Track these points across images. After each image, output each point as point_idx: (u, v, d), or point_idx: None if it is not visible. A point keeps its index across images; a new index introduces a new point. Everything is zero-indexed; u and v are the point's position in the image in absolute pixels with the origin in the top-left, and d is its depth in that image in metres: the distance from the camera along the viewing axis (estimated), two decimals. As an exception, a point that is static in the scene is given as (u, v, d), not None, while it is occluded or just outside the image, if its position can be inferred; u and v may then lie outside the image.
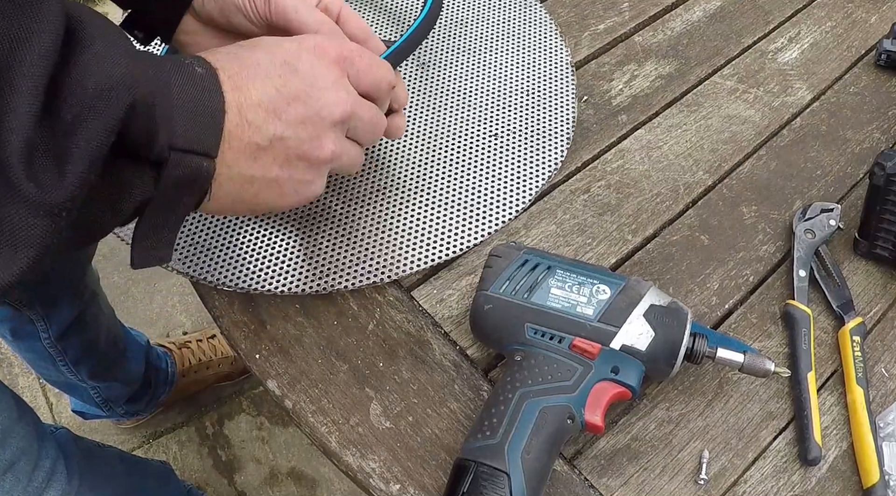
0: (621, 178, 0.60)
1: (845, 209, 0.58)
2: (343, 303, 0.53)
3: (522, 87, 0.65)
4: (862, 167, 0.61)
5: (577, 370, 0.44)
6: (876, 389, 0.49)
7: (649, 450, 0.47)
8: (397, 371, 0.50)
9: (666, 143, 0.62)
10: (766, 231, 0.57)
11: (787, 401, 0.49)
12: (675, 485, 0.46)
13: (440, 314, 0.52)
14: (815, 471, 0.46)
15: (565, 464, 0.46)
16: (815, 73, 0.68)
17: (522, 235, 0.56)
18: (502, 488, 0.39)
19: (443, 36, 0.69)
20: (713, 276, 0.55)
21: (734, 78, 0.67)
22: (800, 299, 0.52)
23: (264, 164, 0.41)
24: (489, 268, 0.48)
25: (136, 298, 1.46)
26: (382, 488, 0.45)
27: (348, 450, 0.46)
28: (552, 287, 0.46)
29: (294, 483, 1.27)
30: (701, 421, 0.48)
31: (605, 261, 0.55)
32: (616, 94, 0.66)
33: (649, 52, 0.69)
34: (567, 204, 0.58)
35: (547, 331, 0.45)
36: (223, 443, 1.32)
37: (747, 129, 0.64)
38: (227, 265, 0.54)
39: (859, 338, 0.50)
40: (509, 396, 0.43)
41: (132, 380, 1.16)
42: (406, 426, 0.47)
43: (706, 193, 0.59)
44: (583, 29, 0.71)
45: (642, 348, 0.44)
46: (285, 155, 0.42)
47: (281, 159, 0.42)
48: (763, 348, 0.51)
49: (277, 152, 0.41)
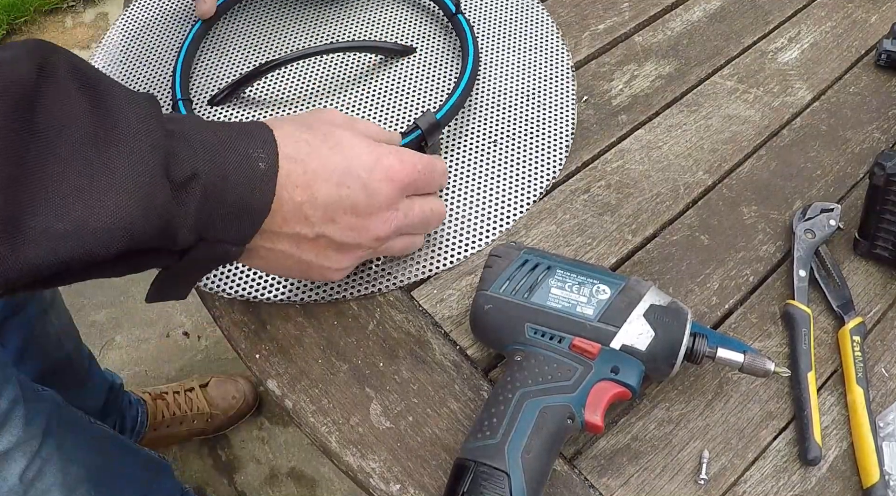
0: (621, 178, 0.60)
1: (845, 209, 0.58)
2: (343, 303, 0.53)
3: (522, 87, 0.65)
4: (862, 167, 0.61)
5: (577, 370, 0.44)
6: (876, 389, 0.49)
7: (649, 450, 0.47)
8: (397, 371, 0.50)
9: (666, 143, 0.62)
10: (766, 231, 0.57)
11: (787, 401, 0.49)
12: (675, 485, 0.46)
13: (440, 314, 0.52)
14: (815, 471, 0.46)
15: (565, 464, 0.46)
16: (815, 73, 0.68)
17: (522, 235, 0.56)
18: (502, 488, 0.39)
19: (443, 35, 0.69)
20: (713, 276, 0.55)
21: (734, 78, 0.67)
22: (800, 299, 0.52)
23: (304, 250, 0.44)
24: (489, 268, 0.48)
25: (136, 298, 1.46)
26: (382, 488, 0.45)
27: (348, 450, 0.46)
28: (552, 287, 0.46)
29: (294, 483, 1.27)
30: (701, 421, 0.48)
31: (605, 261, 0.55)
32: (616, 94, 0.66)
33: (649, 52, 0.69)
34: (567, 204, 0.58)
35: (547, 331, 0.45)
36: (223, 443, 1.32)
37: (747, 129, 0.64)
38: (228, 274, 0.54)
39: (859, 338, 0.50)
40: (509, 396, 0.43)
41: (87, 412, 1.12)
42: (406, 426, 0.47)
43: (706, 193, 0.59)
44: (583, 29, 0.71)
45: (642, 348, 0.44)
46: (324, 248, 0.45)
47: (319, 250, 0.45)
48: (763, 348, 0.51)
49: (319, 245, 0.44)
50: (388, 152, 0.46)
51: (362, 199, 0.44)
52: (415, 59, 0.67)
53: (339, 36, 0.69)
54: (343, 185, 0.43)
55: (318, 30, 0.70)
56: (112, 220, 0.34)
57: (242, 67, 0.67)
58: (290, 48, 0.69)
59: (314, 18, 0.71)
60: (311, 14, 0.72)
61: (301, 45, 0.69)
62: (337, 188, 0.43)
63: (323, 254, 0.45)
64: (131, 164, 0.34)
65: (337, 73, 0.66)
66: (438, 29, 0.70)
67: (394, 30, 0.70)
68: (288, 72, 0.66)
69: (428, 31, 0.69)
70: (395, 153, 0.46)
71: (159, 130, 0.36)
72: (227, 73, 0.67)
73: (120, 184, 0.34)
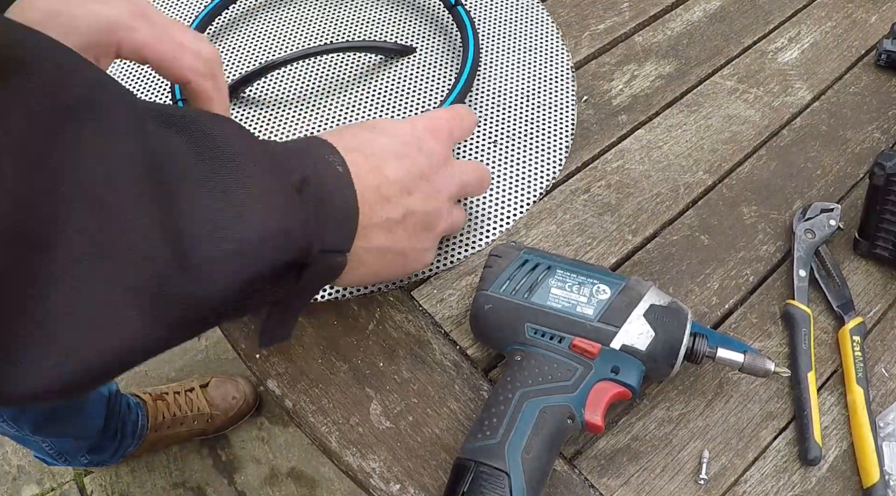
0: (621, 178, 0.60)
1: (845, 209, 0.58)
2: (343, 302, 0.53)
3: (522, 88, 0.65)
4: (862, 167, 0.61)
5: (577, 370, 0.44)
6: (876, 389, 0.49)
7: (649, 450, 0.47)
8: (397, 371, 0.50)
9: (666, 143, 0.62)
10: (766, 231, 0.57)
11: (787, 401, 0.49)
12: (675, 485, 0.46)
13: (440, 314, 0.52)
14: (815, 471, 0.46)
15: (565, 464, 0.46)
16: (815, 73, 0.68)
17: (522, 235, 0.56)
18: (502, 488, 0.39)
19: (442, 35, 0.69)
20: (713, 276, 0.55)
21: (734, 78, 0.67)
22: (800, 299, 0.52)
23: (396, 236, 0.44)
24: (489, 268, 0.48)
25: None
26: (382, 488, 0.45)
27: (348, 450, 0.46)
28: (552, 287, 0.46)
29: (294, 483, 1.27)
30: (701, 421, 0.48)
31: (605, 261, 0.55)
32: (616, 94, 0.66)
33: (649, 52, 0.69)
34: (567, 204, 0.58)
35: (547, 331, 0.45)
36: (223, 443, 1.32)
37: (747, 129, 0.64)
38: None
39: (859, 338, 0.50)
40: (509, 396, 0.43)
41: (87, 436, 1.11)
42: (406, 426, 0.47)
43: (706, 193, 0.59)
44: (583, 29, 0.71)
45: (642, 348, 0.44)
46: (413, 227, 0.45)
47: (410, 231, 0.45)
48: (763, 348, 0.51)
49: (407, 225, 0.45)
50: (417, 117, 0.48)
51: (423, 161, 0.45)
52: (415, 59, 0.67)
53: (339, 36, 0.69)
54: (404, 156, 0.44)
55: (318, 30, 0.70)
56: (263, 230, 0.33)
57: (242, 67, 0.67)
58: (290, 48, 0.69)
59: (314, 18, 0.71)
60: (312, 14, 0.72)
61: (301, 45, 0.69)
62: (399, 161, 0.44)
63: (414, 235, 0.45)
64: (259, 174, 0.34)
65: (337, 73, 0.66)
66: (438, 28, 0.70)
67: (394, 30, 0.70)
68: (288, 72, 0.66)
69: (428, 30, 0.69)
70: (421, 116, 0.48)
71: (256, 140, 0.36)
72: (227, 73, 0.67)
73: (258, 196, 0.34)
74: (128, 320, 0.29)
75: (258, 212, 0.33)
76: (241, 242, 0.32)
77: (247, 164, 0.34)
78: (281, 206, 0.35)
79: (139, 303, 0.29)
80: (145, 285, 0.29)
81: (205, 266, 0.31)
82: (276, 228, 0.34)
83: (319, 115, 0.63)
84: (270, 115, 0.63)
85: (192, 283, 0.31)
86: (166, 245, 0.30)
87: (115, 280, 0.28)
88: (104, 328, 0.28)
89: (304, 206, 0.36)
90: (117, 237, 0.28)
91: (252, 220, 0.33)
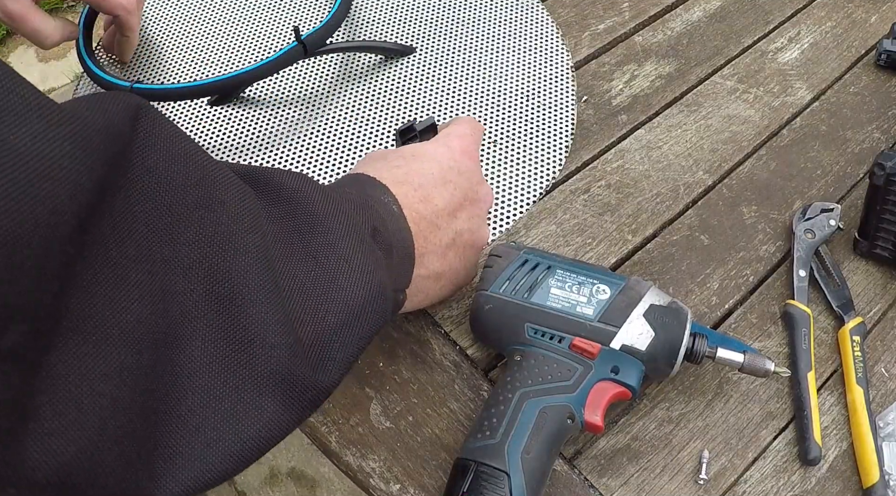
0: (621, 178, 0.60)
1: (845, 209, 0.58)
2: (343, 302, 0.53)
3: (522, 87, 0.65)
4: (862, 167, 0.61)
5: (577, 370, 0.44)
6: (876, 389, 0.49)
7: (649, 450, 0.47)
8: (397, 371, 0.50)
9: (666, 143, 0.62)
10: (766, 231, 0.57)
11: (787, 401, 0.49)
12: (675, 485, 0.46)
13: (440, 314, 0.52)
14: (815, 470, 0.46)
15: (565, 464, 0.46)
16: (815, 73, 0.68)
17: (522, 235, 0.56)
18: (502, 488, 0.39)
19: (442, 35, 0.69)
20: (713, 276, 0.54)
21: (734, 78, 0.67)
22: (800, 299, 0.52)
23: (448, 259, 0.46)
24: (489, 267, 0.48)
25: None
26: (382, 488, 0.45)
27: (348, 450, 0.46)
28: (552, 287, 0.46)
29: (294, 483, 1.27)
30: (701, 421, 0.48)
31: (605, 261, 0.55)
32: (616, 94, 0.66)
33: (649, 52, 0.69)
34: (567, 204, 0.58)
35: (547, 331, 0.45)
36: (223, 443, 1.32)
37: (747, 129, 0.64)
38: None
39: (859, 338, 0.50)
40: (509, 396, 0.43)
41: None
42: (406, 426, 0.47)
43: (706, 193, 0.59)
44: (583, 29, 0.71)
45: (642, 348, 0.44)
46: (462, 247, 0.47)
47: (460, 252, 0.47)
48: (763, 348, 0.51)
49: (458, 246, 0.46)
50: (449, 138, 0.50)
51: (465, 183, 0.47)
52: (415, 59, 0.67)
53: (339, 36, 0.69)
54: (448, 182, 0.46)
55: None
56: (367, 294, 0.34)
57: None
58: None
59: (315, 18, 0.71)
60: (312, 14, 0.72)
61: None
62: (445, 187, 0.45)
63: (464, 255, 0.47)
64: (345, 233, 0.34)
65: (337, 73, 0.66)
66: (439, 28, 0.70)
67: (394, 29, 0.70)
68: (288, 72, 0.66)
69: (428, 30, 0.69)
70: (451, 136, 0.50)
71: (325, 192, 0.36)
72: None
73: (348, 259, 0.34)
74: (264, 408, 0.30)
75: (355, 276, 0.34)
76: (345, 314, 0.33)
77: (328, 222, 0.34)
78: (371, 266, 0.35)
79: (272, 392, 0.30)
80: (274, 372, 0.30)
81: (316, 346, 0.32)
82: (377, 290, 0.34)
83: (319, 115, 0.63)
84: (270, 115, 0.63)
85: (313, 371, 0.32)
86: (287, 333, 0.30)
87: (248, 371, 0.29)
88: (244, 417, 0.29)
89: (387, 258, 0.37)
90: (246, 329, 0.29)
91: (350, 286, 0.33)
